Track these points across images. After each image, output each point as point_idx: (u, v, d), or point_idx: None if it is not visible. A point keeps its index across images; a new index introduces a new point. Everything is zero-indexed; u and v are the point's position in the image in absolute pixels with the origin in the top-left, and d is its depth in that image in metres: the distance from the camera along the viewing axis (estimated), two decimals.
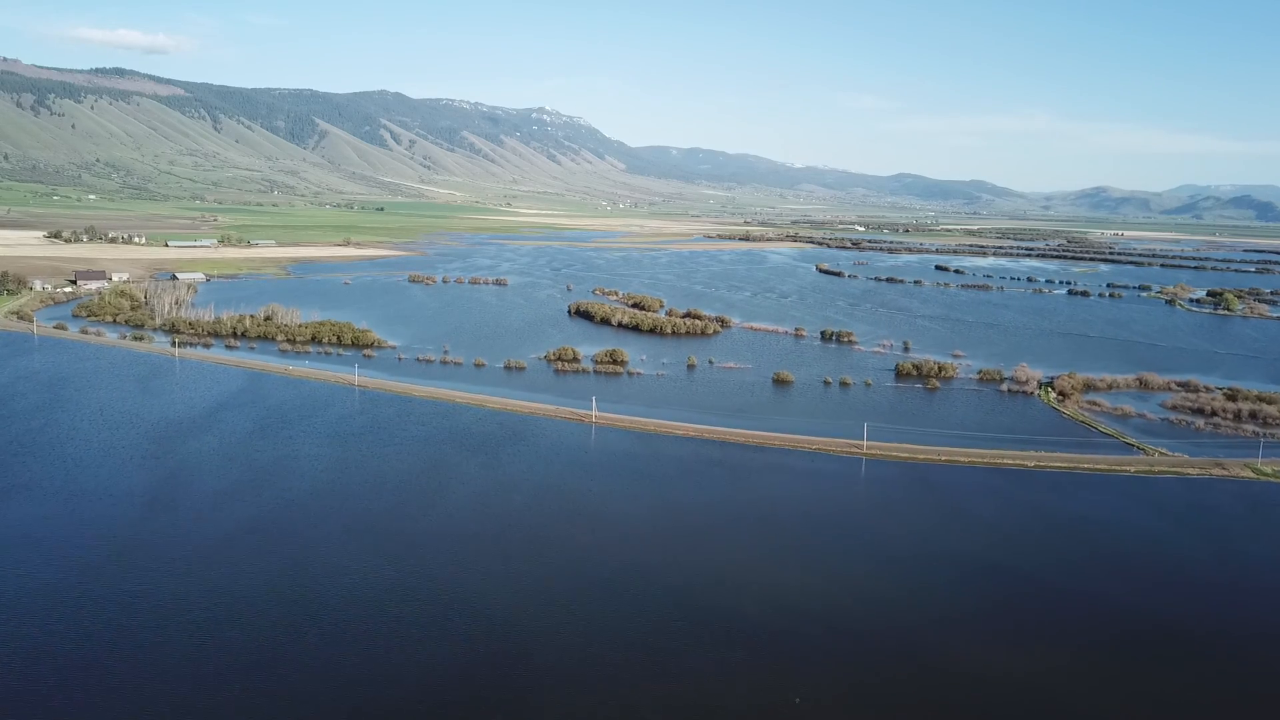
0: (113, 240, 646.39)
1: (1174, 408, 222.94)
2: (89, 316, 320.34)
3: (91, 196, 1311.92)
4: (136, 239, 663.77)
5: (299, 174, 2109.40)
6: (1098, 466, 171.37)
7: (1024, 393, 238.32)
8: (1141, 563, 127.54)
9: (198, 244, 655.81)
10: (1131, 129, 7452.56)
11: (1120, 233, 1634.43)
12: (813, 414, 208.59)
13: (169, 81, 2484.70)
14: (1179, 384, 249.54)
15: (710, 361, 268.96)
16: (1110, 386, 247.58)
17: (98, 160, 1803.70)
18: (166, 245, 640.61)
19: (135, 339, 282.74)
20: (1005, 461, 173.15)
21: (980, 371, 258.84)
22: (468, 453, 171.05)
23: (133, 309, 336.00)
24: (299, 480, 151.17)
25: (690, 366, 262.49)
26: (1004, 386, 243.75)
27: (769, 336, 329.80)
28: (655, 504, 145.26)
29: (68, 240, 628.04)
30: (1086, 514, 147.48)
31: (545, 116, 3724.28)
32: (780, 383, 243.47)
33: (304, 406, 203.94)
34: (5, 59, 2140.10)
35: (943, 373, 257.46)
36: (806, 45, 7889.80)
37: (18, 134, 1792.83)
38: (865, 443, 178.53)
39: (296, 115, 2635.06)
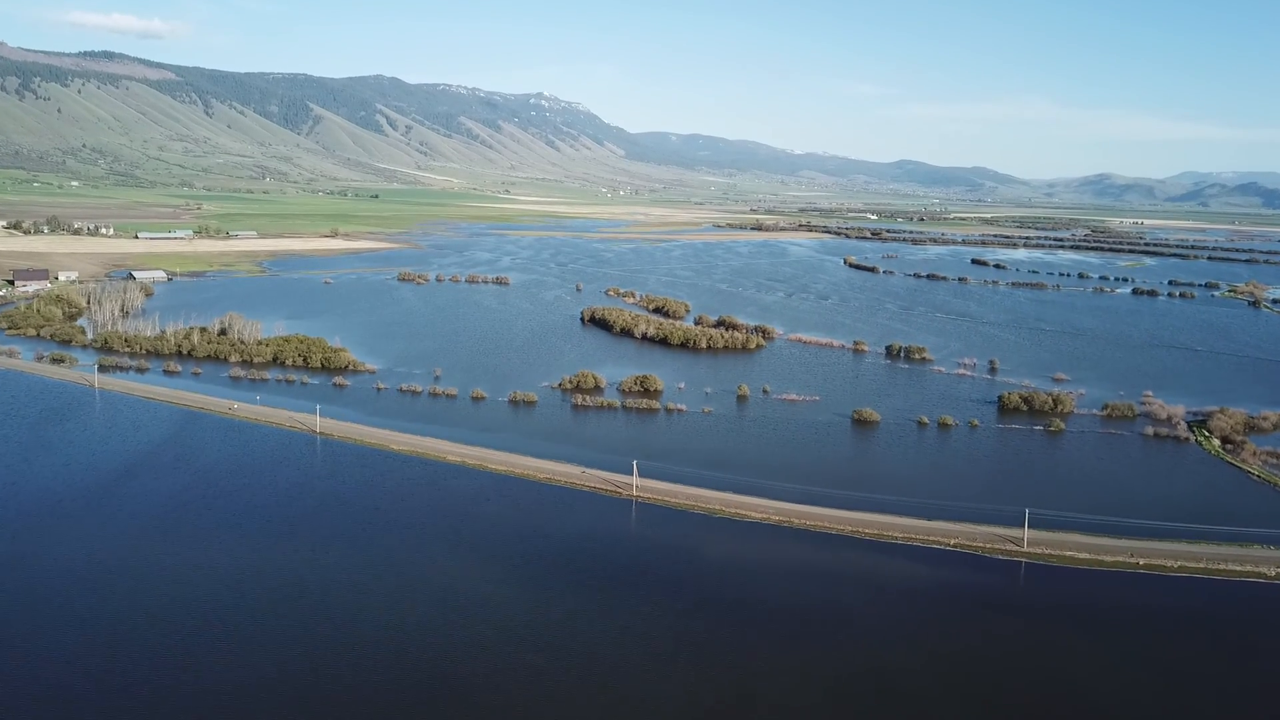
0: (77, 232, 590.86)
1: None
2: (9, 329, 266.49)
3: (75, 183, 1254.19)
4: (104, 230, 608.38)
5: (292, 160, 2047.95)
6: None
7: (1174, 438, 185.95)
8: None
9: (171, 235, 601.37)
10: (1132, 116, 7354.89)
11: (1140, 221, 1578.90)
12: (923, 479, 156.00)
13: (160, 65, 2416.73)
14: None
15: (765, 391, 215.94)
16: (1277, 426, 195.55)
17: (84, 145, 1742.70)
18: (136, 237, 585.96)
19: (54, 360, 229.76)
20: (1229, 568, 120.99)
21: (1106, 407, 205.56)
22: (458, 557, 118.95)
23: (66, 319, 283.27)
24: (197, 631, 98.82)
25: (741, 398, 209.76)
26: (1149, 430, 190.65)
27: (823, 352, 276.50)
28: (754, 690, 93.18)
29: (27, 232, 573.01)
30: None
31: (544, 102, 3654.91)
32: (862, 424, 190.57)
33: (244, 469, 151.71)
34: None
35: (1059, 407, 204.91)
36: (805, 32, 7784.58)
37: (1, 118, 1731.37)
38: (1025, 533, 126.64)
39: (290, 100, 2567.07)
